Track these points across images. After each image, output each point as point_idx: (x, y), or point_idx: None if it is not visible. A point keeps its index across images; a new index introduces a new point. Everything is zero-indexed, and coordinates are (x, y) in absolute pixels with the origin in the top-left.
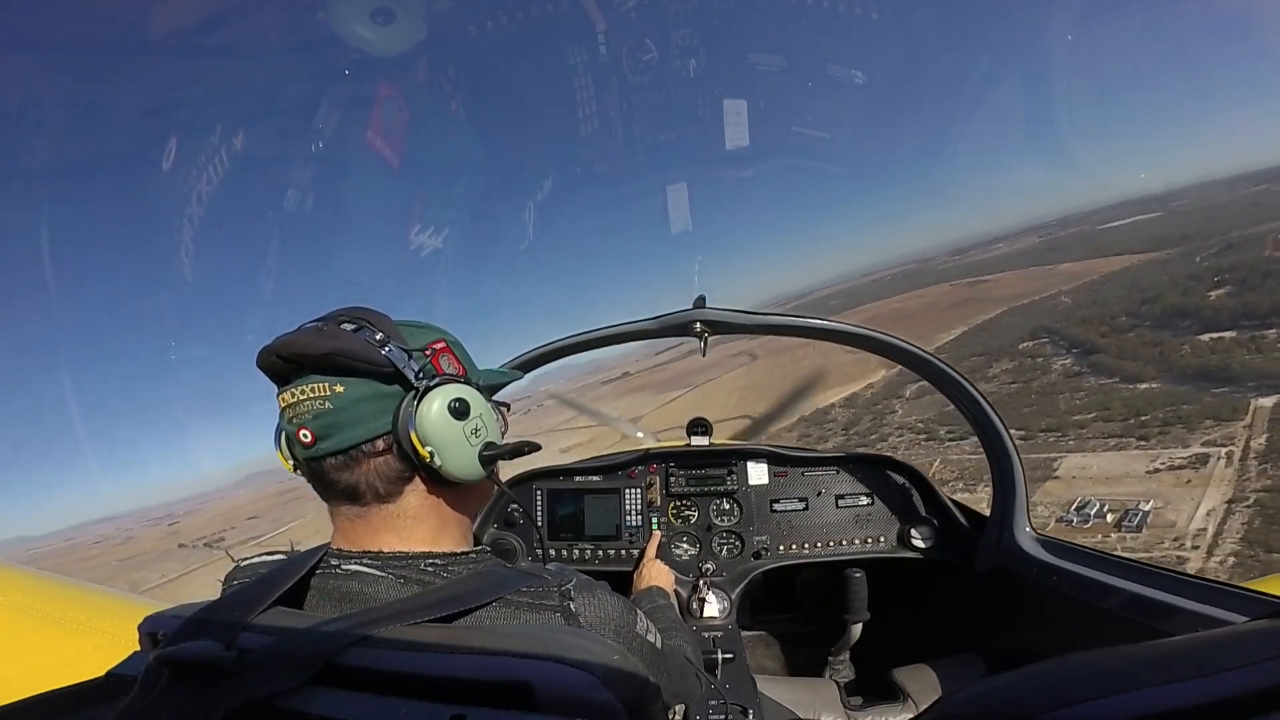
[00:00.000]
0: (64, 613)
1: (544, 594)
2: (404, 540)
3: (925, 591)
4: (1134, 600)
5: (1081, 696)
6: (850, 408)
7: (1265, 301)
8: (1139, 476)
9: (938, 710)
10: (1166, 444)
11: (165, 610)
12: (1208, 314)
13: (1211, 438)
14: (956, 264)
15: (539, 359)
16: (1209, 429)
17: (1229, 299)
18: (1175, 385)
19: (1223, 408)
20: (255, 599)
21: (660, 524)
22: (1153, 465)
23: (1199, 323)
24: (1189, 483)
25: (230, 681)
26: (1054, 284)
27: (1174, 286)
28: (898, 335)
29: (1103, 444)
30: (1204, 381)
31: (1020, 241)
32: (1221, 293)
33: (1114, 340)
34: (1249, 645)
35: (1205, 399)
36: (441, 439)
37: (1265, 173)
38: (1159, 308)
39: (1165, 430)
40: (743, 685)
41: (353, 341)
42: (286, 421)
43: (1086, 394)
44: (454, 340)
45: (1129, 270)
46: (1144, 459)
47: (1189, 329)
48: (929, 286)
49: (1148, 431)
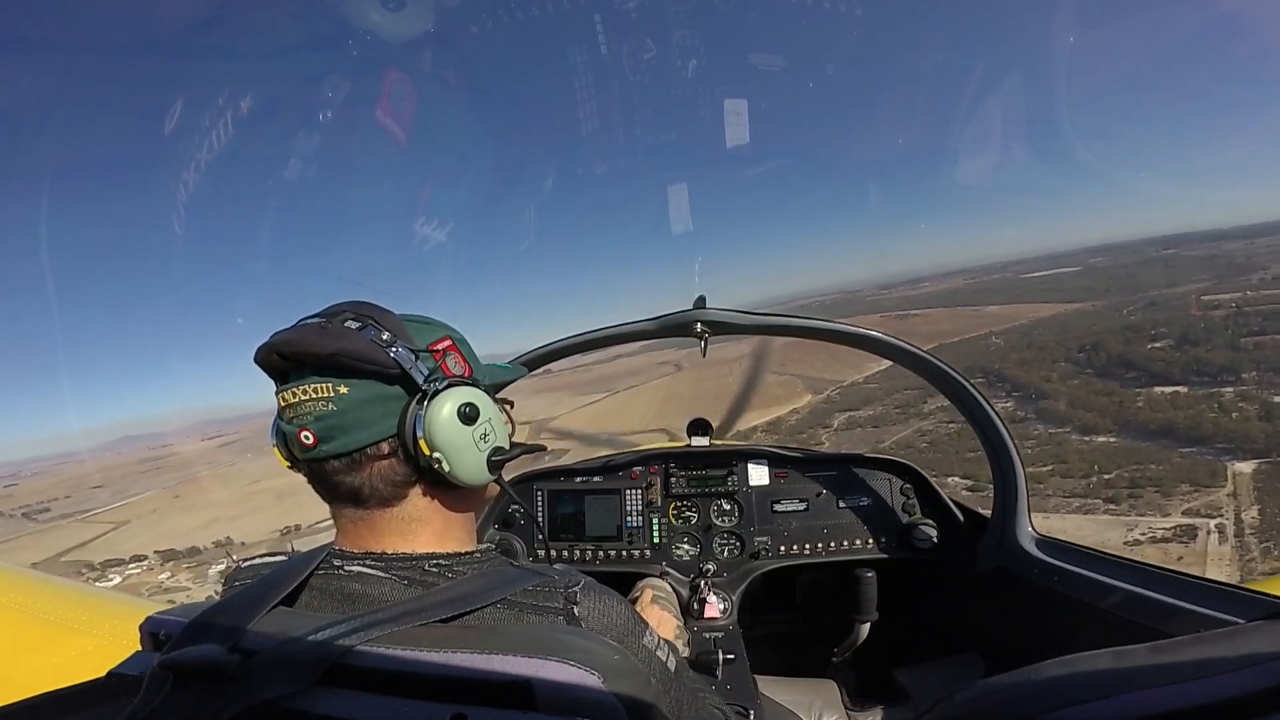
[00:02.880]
0: (64, 613)
1: (548, 595)
2: (408, 542)
3: (926, 592)
4: (1134, 600)
5: (1081, 696)
6: (773, 433)
7: (1215, 359)
8: (1116, 548)
9: (938, 710)
10: (1141, 509)
11: (167, 611)
12: (1158, 366)
13: (1193, 505)
14: (884, 297)
15: (539, 359)
16: (1187, 495)
17: (1174, 352)
18: (1135, 441)
19: (1197, 470)
20: (258, 601)
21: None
22: (1130, 535)
23: (1147, 375)
24: (1181, 560)
25: (235, 685)
26: (983, 324)
27: (1115, 336)
28: (897, 336)
29: (1065, 504)
30: (1166, 439)
31: (946, 282)
32: (1161, 345)
33: (1060, 386)
34: (1249, 646)
35: (1174, 459)
36: (450, 444)
37: (1170, 239)
38: (1103, 355)
39: (1135, 492)
40: (743, 685)
41: (358, 341)
42: (286, 421)
43: (1037, 443)
44: (460, 337)
45: (1057, 318)
46: (1118, 526)
47: (1136, 380)
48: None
49: (1116, 493)
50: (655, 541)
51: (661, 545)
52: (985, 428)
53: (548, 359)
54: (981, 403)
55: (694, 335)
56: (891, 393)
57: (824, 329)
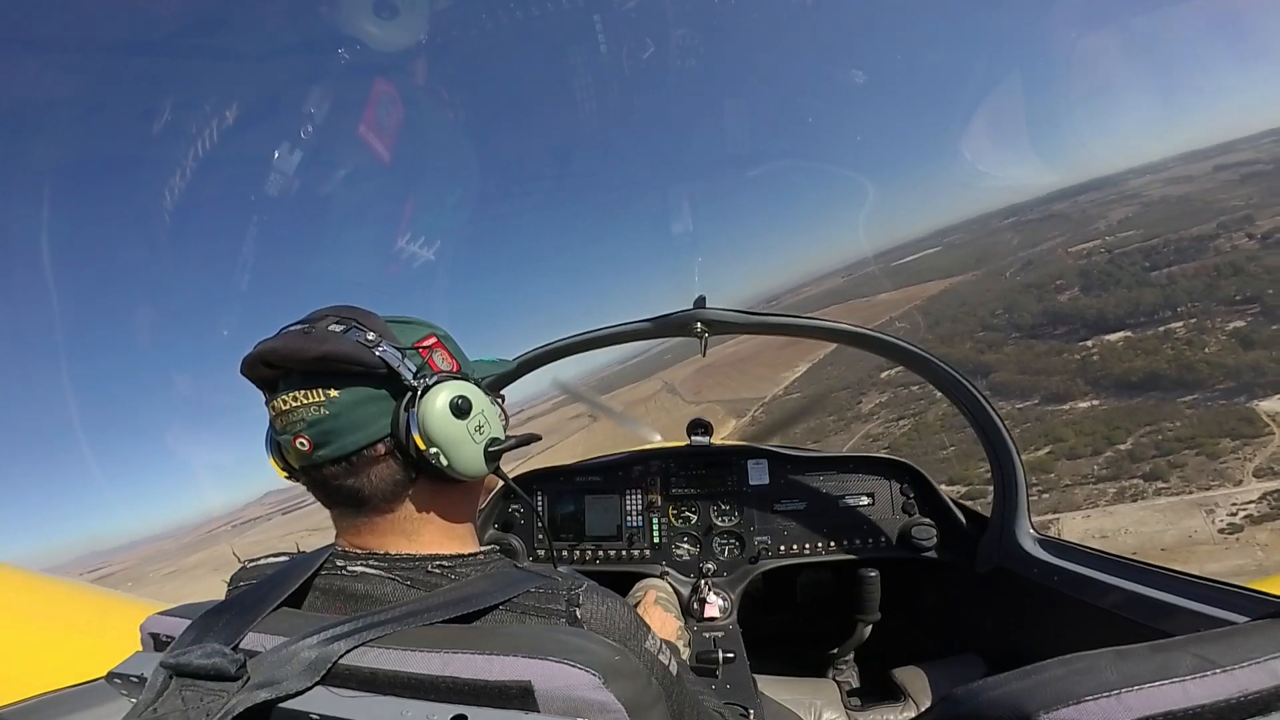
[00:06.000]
0: (64, 613)
1: (551, 598)
2: (411, 542)
3: (926, 592)
4: (1134, 600)
5: (1081, 696)
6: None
7: (1145, 298)
8: (1210, 542)
9: (939, 710)
10: (1199, 481)
11: (168, 611)
12: (1090, 314)
13: (1260, 463)
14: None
15: (537, 360)
16: (1237, 451)
17: (1093, 299)
18: (1122, 399)
19: (1224, 419)
20: (261, 601)
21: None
22: (1223, 519)
23: (1082, 325)
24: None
25: (237, 685)
26: (881, 312)
27: (1021, 294)
28: (896, 336)
29: (1098, 492)
30: (1155, 391)
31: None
32: (1073, 294)
33: (998, 356)
34: (1249, 645)
35: (1184, 411)
36: (446, 438)
37: (1009, 209)
38: (1024, 315)
39: (1175, 460)
40: (743, 685)
41: (344, 344)
42: (279, 431)
43: (1013, 422)
44: (444, 334)
45: (947, 292)
46: (1192, 510)
47: (1074, 334)
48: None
49: (1153, 466)
50: (655, 542)
51: (661, 545)
52: (984, 425)
53: (544, 360)
54: (980, 399)
55: (694, 335)
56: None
57: (824, 328)
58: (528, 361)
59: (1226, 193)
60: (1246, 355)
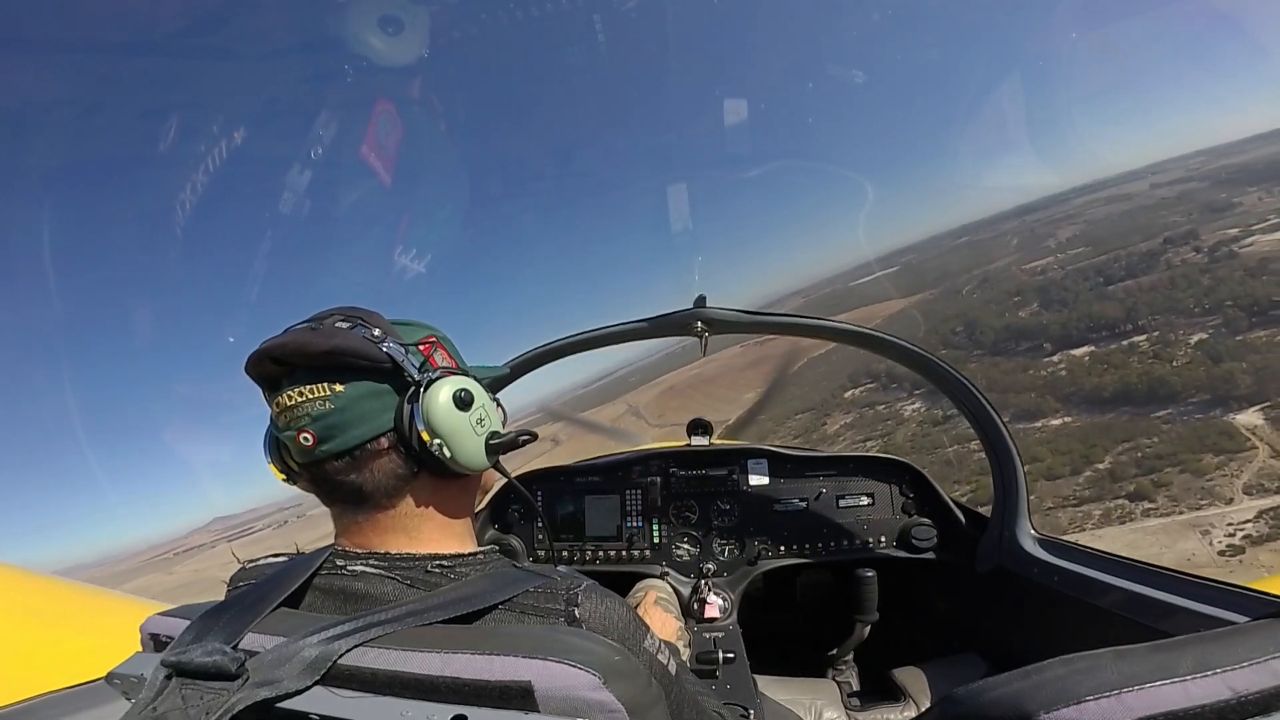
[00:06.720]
0: (64, 613)
1: (550, 597)
2: (411, 541)
3: (926, 592)
4: (1134, 600)
5: (1081, 696)
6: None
7: (1106, 312)
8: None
9: (939, 710)
10: (1187, 501)
11: (168, 611)
12: (1053, 329)
13: (1249, 481)
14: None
15: (537, 359)
16: (1223, 467)
17: (1052, 314)
18: (1094, 415)
19: (1203, 434)
20: (261, 600)
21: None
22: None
23: (1046, 341)
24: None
25: (237, 685)
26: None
27: (981, 310)
28: (896, 335)
29: (1083, 515)
30: (1126, 406)
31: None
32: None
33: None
34: (1249, 645)
35: (1160, 428)
36: (449, 429)
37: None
38: (986, 332)
39: (1159, 480)
40: (743, 685)
41: (351, 338)
42: (282, 428)
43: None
44: (444, 336)
45: (906, 310)
46: (1186, 531)
47: (1038, 350)
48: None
49: (1136, 486)
50: (655, 542)
51: (661, 545)
52: (985, 426)
53: (543, 360)
54: (982, 401)
55: (694, 334)
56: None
57: (824, 328)
58: (526, 362)
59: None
60: (1217, 368)
